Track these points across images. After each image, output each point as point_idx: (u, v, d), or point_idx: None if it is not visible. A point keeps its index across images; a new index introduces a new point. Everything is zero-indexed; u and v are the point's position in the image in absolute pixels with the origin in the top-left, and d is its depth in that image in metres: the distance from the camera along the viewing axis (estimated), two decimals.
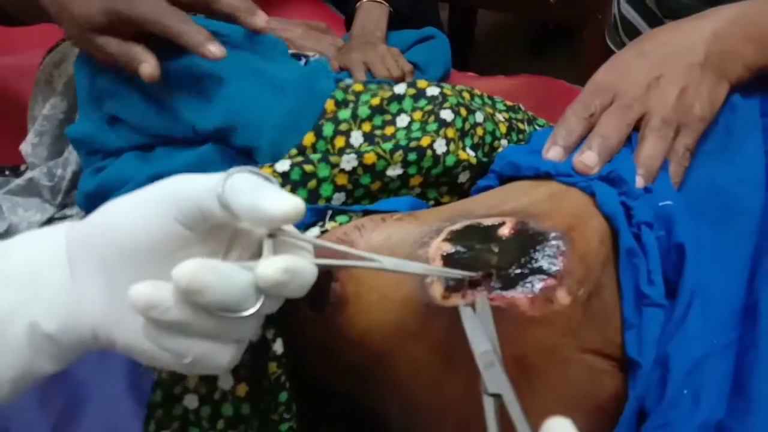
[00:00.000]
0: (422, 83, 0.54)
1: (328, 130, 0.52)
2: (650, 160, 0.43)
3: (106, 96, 0.57)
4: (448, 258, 0.37)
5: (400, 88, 0.54)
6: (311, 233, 0.44)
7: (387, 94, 0.54)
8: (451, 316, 0.35)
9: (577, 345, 0.36)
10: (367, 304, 0.38)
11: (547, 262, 0.36)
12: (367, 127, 0.52)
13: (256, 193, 0.29)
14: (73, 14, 0.51)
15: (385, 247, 0.39)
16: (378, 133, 0.52)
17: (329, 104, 0.53)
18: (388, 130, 0.52)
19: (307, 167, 0.48)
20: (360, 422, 0.46)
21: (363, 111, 0.52)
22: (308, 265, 0.30)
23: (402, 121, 0.52)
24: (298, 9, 0.98)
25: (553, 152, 0.46)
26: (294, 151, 0.51)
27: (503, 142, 0.54)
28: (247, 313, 0.29)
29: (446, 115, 0.51)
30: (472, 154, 0.51)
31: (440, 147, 0.49)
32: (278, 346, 0.38)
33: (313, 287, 0.31)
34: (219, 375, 0.39)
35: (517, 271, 0.36)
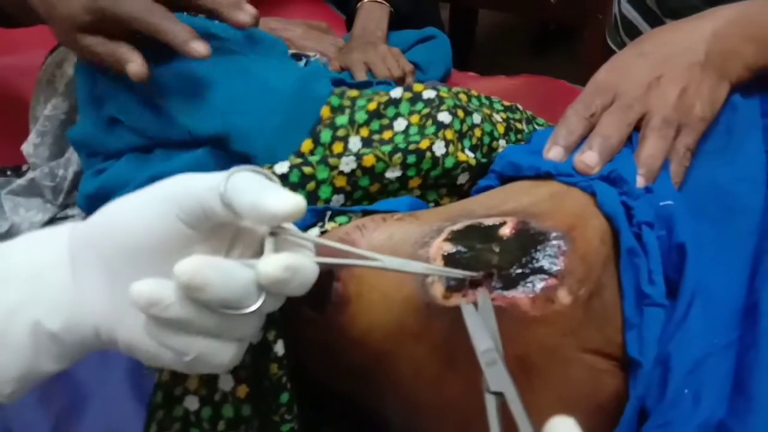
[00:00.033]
0: (418, 86, 0.54)
1: (325, 136, 0.51)
2: (651, 160, 0.43)
3: (105, 98, 0.57)
4: (449, 258, 0.37)
5: (396, 92, 0.54)
6: (311, 234, 0.44)
7: (383, 98, 0.53)
8: (452, 315, 0.35)
9: (578, 344, 0.36)
10: (368, 304, 0.38)
11: (548, 261, 0.36)
12: (365, 132, 0.52)
13: (257, 191, 0.29)
14: (61, 14, 0.50)
15: (386, 247, 0.39)
16: (376, 137, 0.52)
17: (325, 111, 0.53)
18: (386, 135, 0.52)
19: (306, 169, 0.48)
20: (361, 421, 0.46)
21: (360, 116, 0.52)
22: (309, 263, 0.30)
23: (399, 125, 0.52)
24: (298, 9, 0.98)
25: (553, 152, 0.46)
26: (293, 157, 0.50)
27: (501, 142, 0.54)
28: (249, 310, 0.29)
29: (444, 117, 0.50)
30: (471, 155, 0.51)
31: (439, 149, 0.49)
32: (279, 348, 0.38)
33: (315, 287, 0.31)
34: (219, 377, 0.39)
35: (518, 270, 0.36)
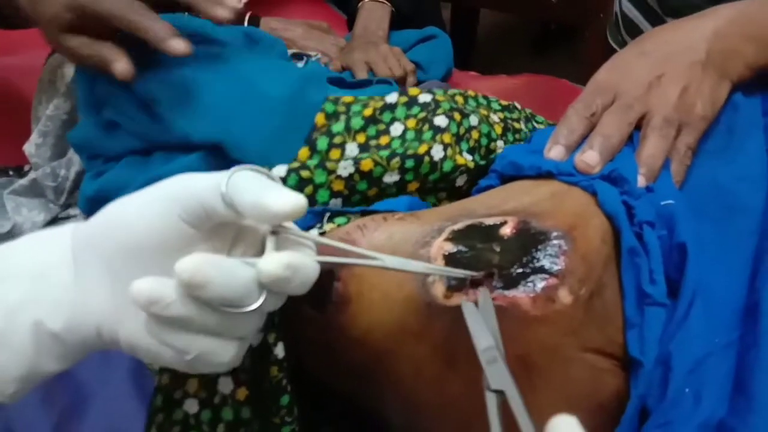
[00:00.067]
0: (414, 90, 0.54)
1: (322, 143, 0.51)
2: (652, 159, 0.43)
3: (104, 102, 0.57)
4: (449, 257, 0.37)
5: (392, 97, 0.53)
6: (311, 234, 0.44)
7: (379, 103, 0.53)
8: (452, 315, 0.35)
9: (579, 344, 0.36)
10: (369, 304, 0.38)
11: (548, 261, 0.36)
12: (361, 138, 0.51)
13: (258, 190, 0.30)
14: (45, 14, 0.50)
15: (387, 247, 0.39)
16: (373, 143, 0.51)
17: (319, 118, 0.52)
18: (383, 140, 0.51)
19: (304, 173, 0.47)
20: (362, 421, 0.46)
21: (356, 122, 0.52)
22: (310, 262, 0.30)
23: (396, 129, 0.52)
24: (299, 9, 0.98)
25: (554, 151, 0.46)
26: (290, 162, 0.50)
27: (499, 143, 0.54)
28: (250, 308, 0.29)
29: (440, 121, 0.50)
30: (469, 158, 0.50)
31: (437, 153, 0.48)
32: (279, 350, 0.38)
33: (315, 286, 0.31)
34: (219, 379, 0.39)
35: (519, 270, 0.36)
